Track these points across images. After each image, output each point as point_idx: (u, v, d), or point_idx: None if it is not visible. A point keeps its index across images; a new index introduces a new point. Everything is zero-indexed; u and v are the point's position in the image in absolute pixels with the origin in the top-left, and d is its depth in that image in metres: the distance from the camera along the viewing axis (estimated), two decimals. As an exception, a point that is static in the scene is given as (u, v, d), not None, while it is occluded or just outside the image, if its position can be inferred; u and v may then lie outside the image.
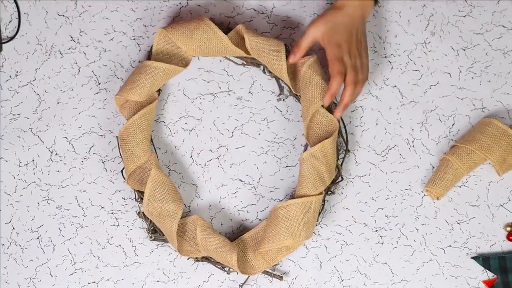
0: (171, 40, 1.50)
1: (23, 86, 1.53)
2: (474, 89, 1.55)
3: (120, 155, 1.50)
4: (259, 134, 1.53)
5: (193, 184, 1.52)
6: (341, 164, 1.51)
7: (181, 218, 1.48)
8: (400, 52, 1.55)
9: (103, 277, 1.50)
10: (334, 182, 1.51)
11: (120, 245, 1.51)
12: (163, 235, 1.49)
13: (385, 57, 1.55)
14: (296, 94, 1.52)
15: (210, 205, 1.52)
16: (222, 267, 1.49)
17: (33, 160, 1.52)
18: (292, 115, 1.53)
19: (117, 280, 1.50)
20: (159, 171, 1.46)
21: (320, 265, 1.51)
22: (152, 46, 1.51)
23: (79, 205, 1.51)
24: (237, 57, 1.53)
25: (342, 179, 1.51)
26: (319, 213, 1.49)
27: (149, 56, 1.52)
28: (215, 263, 1.49)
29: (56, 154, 1.52)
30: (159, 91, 1.52)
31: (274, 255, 1.48)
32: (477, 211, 1.52)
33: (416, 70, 1.55)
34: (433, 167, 1.53)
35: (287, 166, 1.53)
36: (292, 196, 1.51)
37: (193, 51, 1.50)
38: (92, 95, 1.53)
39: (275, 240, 1.45)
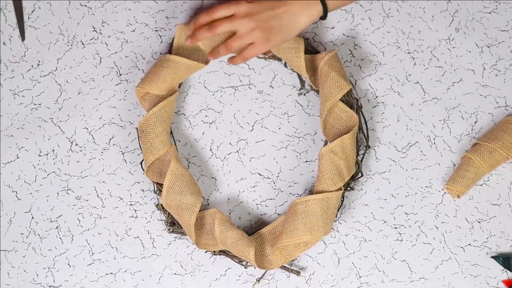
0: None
1: (44, 76, 1.53)
2: (497, 87, 1.53)
3: (140, 146, 1.50)
4: (279, 128, 1.53)
5: (212, 177, 1.52)
6: (361, 160, 1.50)
7: (199, 211, 1.48)
8: (423, 48, 1.54)
9: (121, 269, 1.50)
10: (353, 178, 1.50)
11: (138, 237, 1.51)
12: (181, 227, 1.49)
13: (408, 53, 1.54)
14: (317, 89, 1.52)
15: (228, 199, 1.52)
16: (240, 261, 1.49)
17: (53, 150, 1.52)
18: (313, 109, 1.53)
19: (134, 272, 1.50)
20: (179, 164, 1.46)
21: (338, 261, 1.50)
22: (173, 39, 1.51)
23: (98, 196, 1.51)
24: None
25: (362, 175, 1.50)
26: (338, 209, 1.48)
27: (170, 49, 1.51)
28: (233, 257, 1.48)
29: (76, 144, 1.52)
30: (180, 83, 1.52)
31: (292, 250, 1.47)
32: (498, 210, 1.51)
33: (439, 67, 1.54)
34: (454, 165, 1.52)
35: (306, 161, 1.52)
36: (311, 192, 1.51)
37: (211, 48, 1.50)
38: (113, 86, 1.53)
39: (293, 235, 1.44)
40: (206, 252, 1.50)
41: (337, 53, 1.49)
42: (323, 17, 1.43)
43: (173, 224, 1.50)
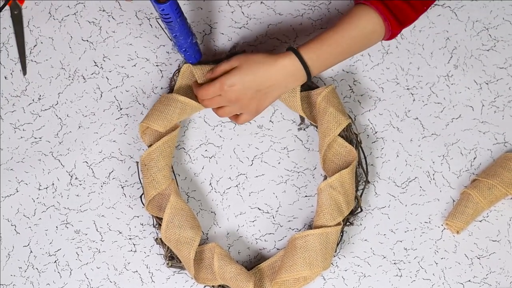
0: (194, 77, 1.51)
1: (45, 110, 1.54)
2: (496, 123, 1.54)
3: (140, 181, 1.50)
4: (279, 163, 1.53)
5: (212, 212, 1.52)
6: (361, 195, 1.51)
7: (198, 245, 1.47)
8: (422, 84, 1.55)
9: (119, 303, 1.50)
10: (353, 213, 1.50)
11: (137, 271, 1.50)
12: (180, 262, 1.48)
13: (408, 89, 1.55)
14: (316, 125, 1.52)
15: (228, 233, 1.51)
16: None
17: (53, 184, 1.52)
18: (313, 144, 1.53)
19: (133, 306, 1.50)
20: (178, 198, 1.46)
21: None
22: (173, 75, 1.52)
23: (97, 229, 1.51)
24: None
25: (362, 210, 1.50)
26: (338, 244, 1.48)
27: (171, 84, 1.52)
28: None
29: (76, 178, 1.52)
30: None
31: (291, 285, 1.47)
32: (497, 246, 1.51)
33: (438, 103, 1.54)
34: (454, 201, 1.52)
35: (306, 196, 1.52)
36: (310, 226, 1.50)
37: None
38: (114, 120, 1.54)
39: (292, 270, 1.44)
40: (205, 287, 1.49)
41: (334, 88, 1.50)
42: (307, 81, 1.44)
43: (172, 258, 1.49)
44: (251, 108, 1.43)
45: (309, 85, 1.52)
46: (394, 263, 1.50)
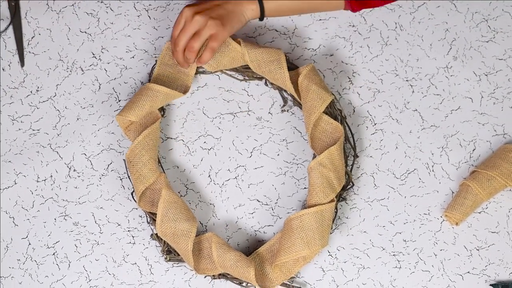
0: (172, 63, 1.51)
1: (43, 101, 1.54)
2: (495, 115, 1.54)
3: (129, 178, 1.50)
4: (278, 155, 1.53)
5: (211, 203, 1.52)
6: (351, 170, 1.50)
7: (195, 236, 1.47)
8: (421, 76, 1.55)
9: (118, 295, 1.49)
10: (344, 188, 1.50)
11: (135, 263, 1.50)
12: (178, 254, 1.48)
13: (407, 80, 1.54)
14: (300, 104, 1.52)
15: (227, 225, 1.51)
16: (240, 283, 1.48)
17: (51, 176, 1.52)
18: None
19: (131, 299, 1.49)
20: (170, 191, 1.45)
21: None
22: (153, 66, 1.52)
23: (95, 222, 1.51)
24: (239, 71, 1.53)
25: (353, 185, 1.50)
26: (333, 221, 1.48)
27: (150, 75, 1.52)
28: (232, 279, 1.48)
29: (74, 170, 1.52)
30: (163, 110, 1.52)
31: (291, 266, 1.46)
32: (496, 238, 1.50)
33: (438, 94, 1.54)
34: (453, 192, 1.52)
35: (305, 188, 1.52)
36: (304, 206, 1.50)
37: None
38: (112, 112, 1.53)
39: (291, 251, 1.44)
40: (205, 277, 1.49)
41: (314, 66, 1.49)
42: (261, 17, 1.46)
43: (169, 252, 1.49)
44: (216, 20, 1.43)
45: (289, 67, 1.52)
46: (393, 255, 1.50)
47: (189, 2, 1.56)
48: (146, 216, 1.50)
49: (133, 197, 1.50)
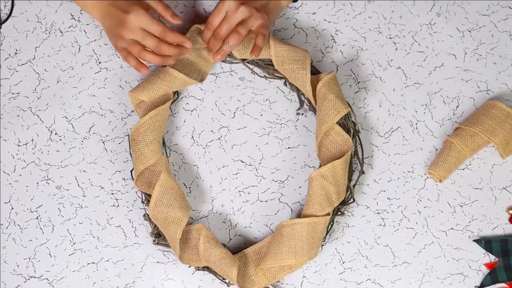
0: (197, 47, 1.48)
1: (22, 64, 1.51)
2: (479, 71, 1.53)
3: (131, 155, 1.49)
4: (261, 115, 1.52)
5: (194, 165, 1.51)
6: (354, 186, 1.49)
7: (186, 225, 1.46)
8: (405, 33, 1.53)
9: (103, 258, 1.49)
10: (345, 203, 1.48)
11: (120, 226, 1.49)
12: (167, 240, 1.47)
13: (390, 38, 1.53)
14: (315, 109, 1.50)
15: (211, 186, 1.50)
16: (223, 279, 1.48)
17: (32, 140, 1.50)
18: (295, 96, 1.52)
19: (116, 261, 1.49)
20: (169, 176, 1.44)
21: (321, 247, 1.49)
22: None
23: (78, 185, 1.50)
24: (260, 66, 1.52)
25: (354, 200, 1.49)
26: (327, 233, 1.47)
27: None
28: (216, 273, 1.47)
29: (56, 133, 1.50)
30: (177, 93, 1.51)
31: (276, 272, 1.46)
32: (480, 194, 1.51)
33: (421, 52, 1.53)
34: (437, 150, 1.52)
35: (289, 148, 1.51)
36: (299, 214, 1.50)
37: None
38: (93, 74, 1.51)
39: (277, 257, 1.43)
40: (189, 266, 1.48)
41: (335, 75, 1.47)
42: None
43: (158, 236, 1.48)
44: (261, 11, 1.42)
45: (312, 71, 1.50)
46: (378, 213, 1.50)
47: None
48: (142, 196, 1.49)
49: (131, 174, 1.49)
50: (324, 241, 1.47)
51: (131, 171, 1.49)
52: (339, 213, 1.48)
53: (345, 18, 1.54)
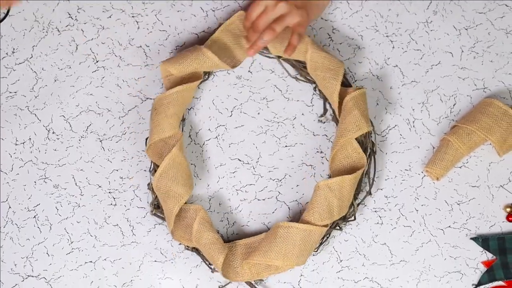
0: (235, 33, 1.49)
1: (20, 63, 1.52)
2: (476, 69, 1.53)
3: (150, 122, 1.49)
4: (259, 113, 1.52)
5: (192, 164, 1.51)
6: (358, 205, 1.49)
7: (184, 203, 1.46)
8: (401, 31, 1.54)
9: (100, 257, 1.49)
10: (345, 219, 1.48)
11: (117, 225, 1.49)
12: (163, 214, 1.47)
13: (387, 36, 1.54)
14: (337, 120, 1.50)
15: (208, 185, 1.51)
16: (209, 264, 1.48)
17: (29, 139, 1.50)
18: (292, 94, 1.52)
19: (114, 260, 1.49)
20: (180, 152, 1.44)
21: (318, 249, 1.50)
22: (219, 25, 1.51)
23: (76, 184, 1.50)
24: (295, 67, 1.52)
25: (355, 218, 1.49)
26: (321, 244, 1.47)
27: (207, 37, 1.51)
28: (203, 257, 1.47)
29: (53, 132, 1.51)
30: (209, 74, 1.51)
31: (261, 270, 1.45)
32: (477, 192, 1.51)
33: (418, 50, 1.54)
34: (434, 148, 1.52)
35: (286, 146, 1.52)
36: (296, 213, 1.50)
37: None
38: (90, 73, 1.52)
39: (266, 256, 1.43)
40: (180, 244, 1.48)
41: (365, 92, 1.47)
42: None
43: (157, 207, 1.48)
44: (300, 10, 1.42)
45: (343, 82, 1.50)
46: (375, 211, 1.51)
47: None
48: (151, 165, 1.49)
49: (146, 142, 1.49)
50: (317, 251, 1.47)
51: (146, 139, 1.49)
52: (338, 227, 1.48)
53: (342, 17, 1.54)
